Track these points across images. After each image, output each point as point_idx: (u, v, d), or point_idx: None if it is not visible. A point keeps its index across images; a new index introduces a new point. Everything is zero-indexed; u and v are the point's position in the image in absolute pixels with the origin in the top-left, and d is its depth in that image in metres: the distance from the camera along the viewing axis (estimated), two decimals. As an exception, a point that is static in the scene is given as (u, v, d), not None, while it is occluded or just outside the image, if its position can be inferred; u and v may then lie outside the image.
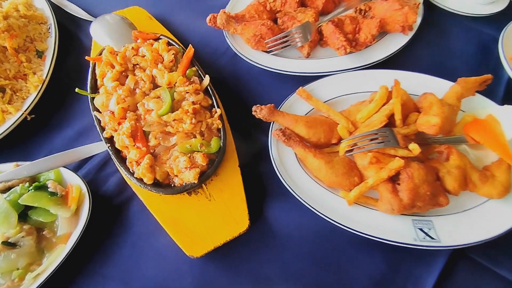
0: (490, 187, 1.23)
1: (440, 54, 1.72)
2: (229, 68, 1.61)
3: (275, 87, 1.57)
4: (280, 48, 1.54)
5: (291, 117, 1.32)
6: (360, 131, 1.31)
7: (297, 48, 1.59)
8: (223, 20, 1.49)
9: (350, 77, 1.51)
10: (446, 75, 1.62)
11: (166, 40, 1.42)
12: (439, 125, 1.23)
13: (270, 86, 1.57)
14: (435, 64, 1.68)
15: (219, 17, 1.49)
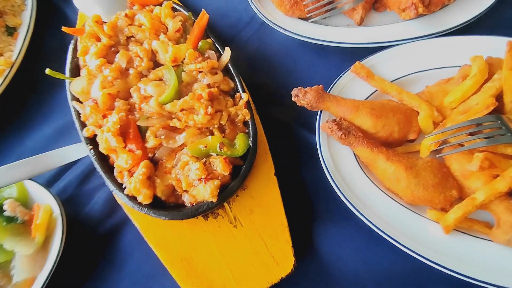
0: None
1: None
2: (256, 43, 1.23)
3: (318, 64, 1.17)
4: (324, 13, 1.14)
5: (349, 103, 0.92)
6: (453, 121, 0.89)
7: (345, 13, 1.19)
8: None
9: (423, 48, 1.09)
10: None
11: (171, 3, 1.04)
12: None
13: (311, 64, 1.18)
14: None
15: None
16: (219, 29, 1.26)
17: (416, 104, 0.94)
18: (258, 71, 1.16)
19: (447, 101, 0.92)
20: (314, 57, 1.19)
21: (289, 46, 1.20)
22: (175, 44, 0.97)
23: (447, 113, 0.94)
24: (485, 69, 0.92)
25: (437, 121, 0.93)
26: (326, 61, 1.17)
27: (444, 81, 1.00)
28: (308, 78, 1.15)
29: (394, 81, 1.06)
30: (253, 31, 1.24)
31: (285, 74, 1.16)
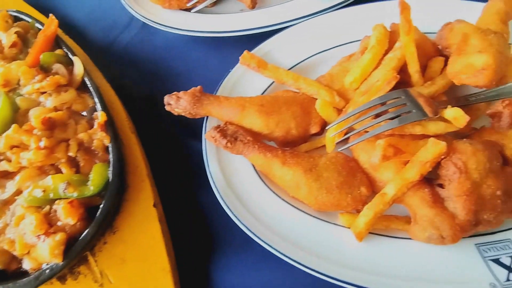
0: None
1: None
2: (138, 46, 1.05)
3: (213, 60, 1.01)
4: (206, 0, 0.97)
5: (234, 102, 0.76)
6: (355, 104, 0.76)
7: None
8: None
9: (323, 24, 0.95)
10: None
11: (5, 13, 0.84)
12: (492, 67, 0.68)
13: (205, 60, 1.02)
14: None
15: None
16: (93, 36, 1.06)
17: (315, 91, 0.79)
18: (142, 78, 0.98)
19: (347, 82, 0.79)
20: (208, 51, 1.02)
21: (178, 44, 1.03)
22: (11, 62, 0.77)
23: (351, 95, 0.81)
24: (384, 39, 0.79)
25: (340, 107, 0.79)
26: (222, 54, 1.01)
27: (346, 58, 0.87)
28: (202, 77, 0.98)
29: (296, 66, 0.92)
30: (134, 33, 1.06)
31: (174, 78, 0.98)
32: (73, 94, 0.74)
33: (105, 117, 0.71)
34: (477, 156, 0.63)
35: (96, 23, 1.09)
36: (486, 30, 0.77)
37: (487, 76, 0.68)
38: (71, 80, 0.78)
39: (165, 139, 0.87)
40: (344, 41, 0.94)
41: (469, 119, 0.67)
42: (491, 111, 0.75)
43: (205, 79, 0.96)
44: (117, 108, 0.84)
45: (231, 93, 0.85)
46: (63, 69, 0.77)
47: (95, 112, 0.74)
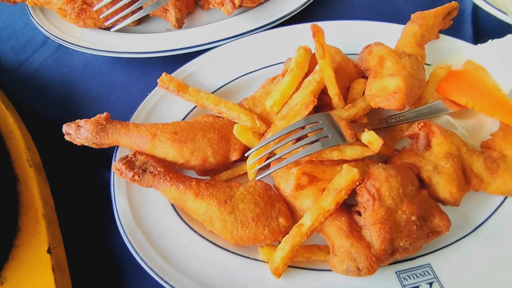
0: (505, 176, 0.72)
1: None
2: (52, 67, 0.96)
3: (136, 82, 0.95)
4: (127, 18, 0.91)
5: (144, 130, 0.70)
6: (275, 128, 0.72)
7: (159, 15, 0.98)
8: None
9: (248, 45, 0.93)
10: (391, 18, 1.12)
11: None
12: (403, 91, 0.69)
13: (128, 82, 0.95)
14: (370, 6, 1.17)
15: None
16: (1, 56, 0.96)
17: (235, 115, 0.76)
18: (54, 103, 0.89)
19: (268, 106, 0.76)
20: (130, 73, 0.96)
21: (98, 65, 0.96)
22: None
23: (273, 118, 0.78)
24: (303, 61, 0.78)
25: (261, 131, 0.76)
26: (145, 76, 0.95)
27: (270, 80, 0.84)
28: (122, 101, 0.91)
29: (221, 89, 0.88)
30: (49, 53, 0.97)
31: (91, 102, 0.90)
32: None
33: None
34: (390, 182, 0.62)
35: (7, 40, 0.99)
36: (400, 53, 0.78)
37: (398, 100, 0.68)
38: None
39: (74, 170, 0.79)
40: (270, 62, 0.92)
41: (382, 143, 0.66)
42: (408, 133, 0.75)
43: (126, 103, 0.91)
44: (16, 138, 0.75)
45: (148, 119, 0.79)
46: None
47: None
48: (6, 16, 1.00)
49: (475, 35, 1.10)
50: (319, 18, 1.09)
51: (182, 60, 0.93)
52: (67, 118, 0.85)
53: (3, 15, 0.98)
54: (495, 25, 1.07)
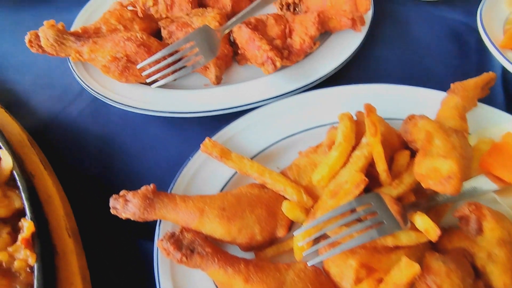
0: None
1: (406, 54, 1.24)
2: (89, 119, 0.95)
3: (173, 138, 0.93)
4: (169, 75, 0.91)
5: (191, 205, 0.67)
6: (323, 207, 0.70)
7: (199, 71, 0.98)
8: (51, 39, 0.82)
9: (285, 108, 0.93)
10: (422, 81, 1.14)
11: None
12: (458, 176, 0.67)
13: (164, 139, 0.93)
14: (403, 67, 1.19)
15: (43, 34, 0.83)
16: (38, 105, 0.95)
17: (281, 188, 0.74)
18: (90, 160, 0.87)
19: (315, 180, 0.74)
20: (167, 129, 0.95)
21: (135, 119, 0.94)
22: None
23: (319, 192, 0.76)
24: (350, 134, 0.77)
25: (308, 206, 0.74)
26: (182, 132, 0.94)
27: (313, 149, 0.83)
28: (159, 158, 0.90)
29: (262, 152, 0.87)
30: (86, 104, 0.96)
31: (128, 159, 0.88)
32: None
33: (33, 228, 0.59)
34: (452, 278, 0.60)
35: (43, 89, 0.98)
36: (447, 129, 0.78)
37: (453, 186, 0.67)
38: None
39: (112, 238, 0.75)
40: (308, 126, 0.91)
41: (440, 233, 0.64)
42: (458, 214, 0.74)
43: (162, 159, 0.89)
44: (55, 203, 0.72)
45: (190, 184, 0.77)
46: (-15, 163, 0.65)
47: (22, 219, 0.62)
48: (42, 62, 1.00)
49: (507, 99, 1.10)
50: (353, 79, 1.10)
51: (219, 117, 0.92)
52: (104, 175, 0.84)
53: (39, 60, 0.97)
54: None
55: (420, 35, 1.30)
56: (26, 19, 1.13)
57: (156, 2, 1.07)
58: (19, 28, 1.11)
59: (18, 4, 1.16)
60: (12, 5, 1.16)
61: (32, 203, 0.64)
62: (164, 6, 1.06)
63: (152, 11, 1.07)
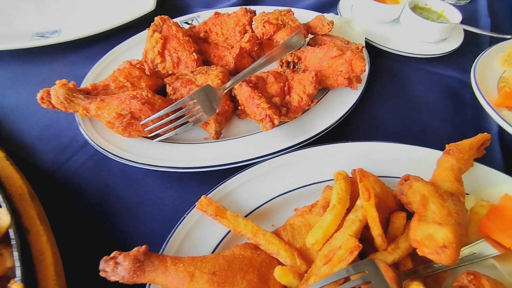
0: None
1: (402, 109, 1.27)
2: (91, 170, 0.97)
3: (170, 195, 0.94)
4: (170, 131, 0.95)
5: (181, 269, 0.66)
6: (316, 273, 0.69)
7: (200, 126, 1.02)
8: (61, 97, 0.87)
9: (285, 164, 0.95)
10: (419, 136, 1.16)
11: None
12: (453, 246, 0.66)
13: (162, 192, 0.95)
14: (399, 122, 1.22)
15: (54, 92, 0.88)
16: (42, 157, 0.98)
17: (275, 251, 0.73)
18: (87, 213, 0.88)
19: (309, 243, 0.73)
20: (166, 181, 0.96)
21: (133, 173, 0.96)
22: None
23: (313, 255, 0.75)
24: (345, 196, 0.77)
25: (301, 271, 0.72)
26: (181, 186, 0.96)
27: (308, 208, 0.83)
28: (156, 211, 0.90)
29: (258, 209, 0.87)
30: (88, 155, 0.99)
31: (125, 212, 0.89)
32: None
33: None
34: None
35: (49, 140, 1.02)
36: (443, 193, 0.78)
37: (449, 256, 0.65)
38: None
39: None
40: (307, 182, 0.92)
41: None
42: (457, 283, 0.71)
43: (159, 214, 0.90)
44: (46, 260, 0.72)
45: (184, 242, 0.77)
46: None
47: (12, 281, 0.62)
48: (52, 114, 1.05)
49: (504, 156, 1.11)
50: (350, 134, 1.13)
51: (217, 171, 0.94)
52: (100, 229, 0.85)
53: (49, 112, 1.02)
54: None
55: (416, 91, 1.34)
56: (42, 72, 1.21)
57: (164, 60, 1.14)
58: (34, 80, 1.20)
59: (35, 58, 1.25)
60: (29, 59, 1.24)
61: (24, 262, 0.64)
62: (171, 63, 1.13)
63: (160, 67, 1.14)
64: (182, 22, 1.40)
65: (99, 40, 1.30)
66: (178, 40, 1.15)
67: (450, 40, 1.49)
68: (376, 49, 1.43)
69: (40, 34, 1.26)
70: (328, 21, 1.25)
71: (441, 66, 1.44)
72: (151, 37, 1.14)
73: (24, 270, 0.63)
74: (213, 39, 1.28)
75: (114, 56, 1.18)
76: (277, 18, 1.25)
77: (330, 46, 1.10)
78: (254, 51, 1.26)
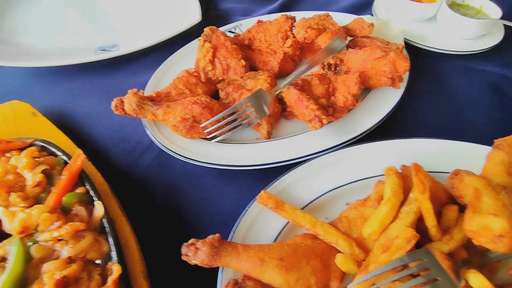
0: None
1: (444, 106, 1.29)
2: (156, 170, 1.08)
3: (229, 188, 1.03)
4: (227, 132, 1.03)
5: (253, 255, 0.74)
6: (375, 261, 0.74)
7: (253, 127, 1.10)
8: (134, 105, 0.98)
9: (335, 160, 1.00)
10: (462, 132, 1.18)
11: (34, 150, 0.87)
12: (510, 235, 0.69)
13: (221, 189, 1.03)
14: (442, 119, 1.24)
15: (127, 100, 0.99)
16: (115, 156, 1.10)
17: (334, 240, 0.79)
18: (157, 208, 0.98)
19: (366, 233, 0.79)
20: (224, 179, 1.05)
21: (195, 171, 1.06)
22: (33, 202, 0.78)
23: (369, 244, 0.80)
24: (399, 190, 0.82)
25: (359, 259, 0.78)
26: (237, 182, 1.04)
27: (361, 202, 0.89)
28: (217, 207, 0.99)
29: (310, 204, 0.93)
30: (153, 156, 1.10)
31: (190, 208, 0.98)
32: (90, 240, 0.73)
33: (120, 271, 0.69)
34: None
35: (118, 143, 1.13)
36: (496, 186, 0.81)
37: (506, 244, 0.68)
38: (90, 221, 0.78)
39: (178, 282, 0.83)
40: (356, 178, 0.97)
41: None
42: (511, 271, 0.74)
43: (219, 209, 0.98)
44: (132, 247, 0.82)
45: (248, 233, 0.85)
46: (83, 212, 0.78)
47: (109, 262, 0.72)
48: (119, 119, 1.16)
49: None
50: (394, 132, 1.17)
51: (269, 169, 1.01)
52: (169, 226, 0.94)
53: (116, 118, 1.14)
54: None
55: (457, 88, 1.35)
56: (105, 83, 1.34)
57: (214, 67, 1.23)
58: (99, 90, 1.33)
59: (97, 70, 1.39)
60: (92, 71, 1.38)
61: (118, 251, 0.74)
62: (221, 70, 1.23)
63: (210, 74, 1.23)
64: (226, 31, 1.49)
65: (153, 51, 1.42)
66: (226, 48, 1.24)
67: (490, 36, 1.49)
68: (415, 48, 1.46)
69: (102, 48, 1.40)
70: (369, 24, 1.29)
71: (482, 62, 1.43)
72: (202, 46, 1.24)
73: (119, 253, 0.73)
74: (257, 46, 1.36)
75: (169, 65, 1.29)
76: (317, 23, 1.31)
77: (373, 48, 1.15)
78: (296, 55, 1.33)
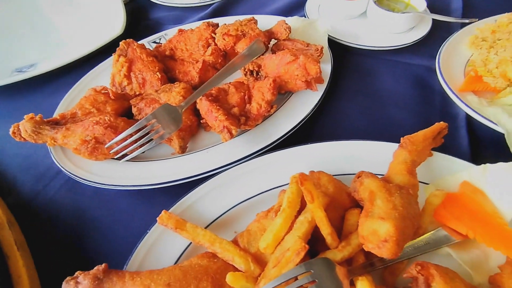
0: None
1: (369, 103, 1.29)
2: (66, 195, 1.03)
3: (140, 211, 0.99)
4: (135, 150, 1.00)
5: (138, 283, 0.71)
6: (267, 276, 0.72)
7: (166, 142, 1.07)
8: (29, 130, 0.94)
9: (246, 171, 0.98)
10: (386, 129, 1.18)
11: None
12: (394, 239, 0.68)
13: (133, 210, 1.00)
14: (366, 117, 1.24)
15: (22, 126, 0.95)
16: (22, 185, 1.05)
17: (230, 258, 0.77)
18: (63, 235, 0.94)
19: (262, 247, 0.77)
20: (136, 199, 1.01)
21: (105, 193, 1.02)
22: None
23: (267, 258, 0.78)
24: (296, 199, 0.80)
25: (255, 275, 0.76)
26: (149, 202, 1.00)
27: (264, 213, 0.86)
28: (126, 229, 0.95)
29: (221, 217, 0.91)
30: (63, 181, 1.05)
31: (98, 232, 0.95)
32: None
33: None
34: None
35: (28, 170, 1.09)
36: (391, 187, 0.80)
37: (389, 249, 0.67)
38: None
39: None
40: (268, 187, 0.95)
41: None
42: (407, 275, 0.73)
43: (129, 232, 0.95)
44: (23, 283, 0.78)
45: (147, 257, 0.82)
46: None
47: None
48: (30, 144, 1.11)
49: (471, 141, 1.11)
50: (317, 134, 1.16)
51: (183, 184, 0.98)
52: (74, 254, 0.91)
53: (28, 143, 1.09)
54: (491, 134, 1.09)
55: (384, 83, 1.35)
56: (22, 105, 1.29)
57: (130, 82, 1.20)
58: (16, 113, 1.27)
59: (15, 92, 1.33)
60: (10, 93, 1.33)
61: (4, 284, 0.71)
62: (137, 84, 1.19)
63: (128, 89, 1.19)
64: (151, 42, 1.46)
65: (74, 68, 1.37)
66: (142, 61, 1.21)
67: (418, 28, 1.50)
68: (344, 46, 1.45)
69: (18, 69, 1.35)
70: (286, 26, 1.28)
71: (409, 55, 1.44)
72: (117, 61, 1.20)
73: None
74: (179, 56, 1.33)
75: (83, 84, 1.25)
76: (237, 29, 1.28)
77: (285, 52, 1.13)
78: (219, 63, 1.31)
